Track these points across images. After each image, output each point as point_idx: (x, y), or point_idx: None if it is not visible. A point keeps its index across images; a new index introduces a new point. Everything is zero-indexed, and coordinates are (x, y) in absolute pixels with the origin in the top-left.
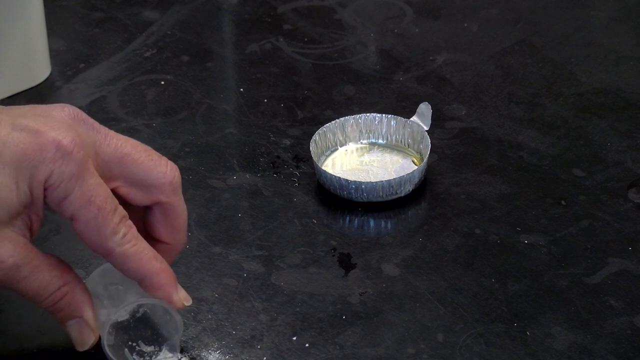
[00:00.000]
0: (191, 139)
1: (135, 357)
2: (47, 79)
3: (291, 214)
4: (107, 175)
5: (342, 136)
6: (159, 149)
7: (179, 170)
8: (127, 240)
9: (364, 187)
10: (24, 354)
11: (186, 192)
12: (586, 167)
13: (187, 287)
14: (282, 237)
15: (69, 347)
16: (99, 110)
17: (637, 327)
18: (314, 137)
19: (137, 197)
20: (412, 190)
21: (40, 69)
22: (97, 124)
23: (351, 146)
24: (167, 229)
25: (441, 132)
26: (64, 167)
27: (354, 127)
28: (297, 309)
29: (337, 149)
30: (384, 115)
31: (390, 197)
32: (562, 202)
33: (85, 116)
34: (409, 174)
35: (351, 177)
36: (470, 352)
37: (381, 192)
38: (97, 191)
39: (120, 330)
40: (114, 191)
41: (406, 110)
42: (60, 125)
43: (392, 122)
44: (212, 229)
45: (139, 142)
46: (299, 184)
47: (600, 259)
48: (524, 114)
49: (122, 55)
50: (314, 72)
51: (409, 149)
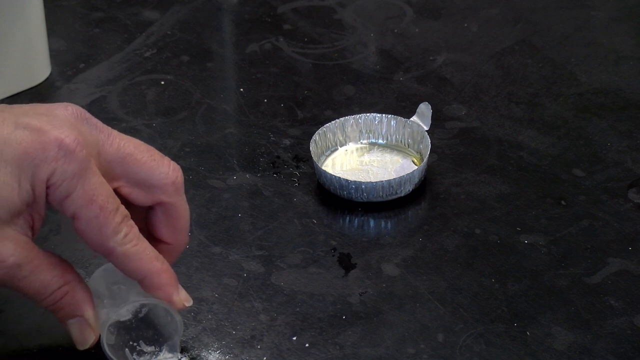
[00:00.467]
0: (191, 139)
1: (135, 357)
2: (47, 79)
3: (291, 214)
4: (109, 174)
5: (342, 136)
6: (159, 149)
7: (181, 170)
8: (129, 240)
9: (364, 187)
10: (24, 354)
11: (186, 192)
12: (586, 167)
13: (187, 287)
14: (282, 237)
15: (69, 347)
16: (99, 110)
17: (637, 327)
18: (314, 137)
19: (140, 197)
20: (412, 190)
21: (40, 69)
22: (100, 123)
23: (351, 146)
24: (169, 229)
25: (441, 132)
26: (66, 166)
27: (354, 127)
28: (297, 309)
29: (337, 149)
30: (384, 115)
31: (390, 197)
32: (562, 202)
33: (88, 115)
34: (409, 174)
35: (351, 177)
36: (470, 352)
37: (381, 192)
38: (99, 190)
39: (122, 330)
40: (116, 191)
41: (406, 110)
42: (63, 124)
43: (392, 122)
44: (212, 229)
45: (142, 142)
46: (299, 184)
47: (600, 259)
48: (524, 114)
49: (122, 55)
50: (314, 72)
51: (409, 149)
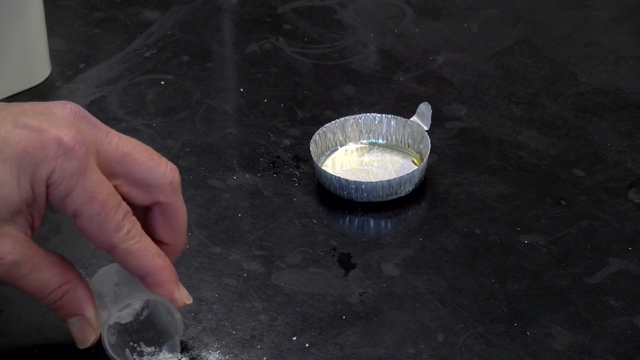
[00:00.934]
0: (191, 139)
1: (135, 357)
2: (47, 79)
3: (291, 214)
4: (107, 173)
5: (342, 136)
6: (159, 149)
7: (178, 171)
8: (132, 236)
9: (364, 187)
10: (24, 354)
11: (186, 192)
12: (586, 167)
13: (188, 287)
14: (282, 237)
15: (69, 347)
16: (99, 110)
17: (637, 327)
18: (314, 137)
19: (137, 196)
20: (412, 190)
21: (40, 69)
22: (98, 122)
23: (351, 146)
24: (167, 230)
25: (441, 132)
26: (66, 164)
27: (354, 127)
28: (297, 309)
29: (337, 149)
30: (384, 115)
31: (390, 197)
32: (562, 202)
33: (87, 114)
34: (409, 174)
35: (351, 177)
36: (470, 352)
37: (381, 192)
38: (100, 187)
39: (123, 330)
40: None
41: (406, 110)
42: (62, 122)
43: (392, 122)
44: (212, 229)
45: (140, 142)
46: (299, 184)
47: (600, 259)
48: (524, 114)
49: (122, 55)
50: (314, 72)
51: (409, 149)
